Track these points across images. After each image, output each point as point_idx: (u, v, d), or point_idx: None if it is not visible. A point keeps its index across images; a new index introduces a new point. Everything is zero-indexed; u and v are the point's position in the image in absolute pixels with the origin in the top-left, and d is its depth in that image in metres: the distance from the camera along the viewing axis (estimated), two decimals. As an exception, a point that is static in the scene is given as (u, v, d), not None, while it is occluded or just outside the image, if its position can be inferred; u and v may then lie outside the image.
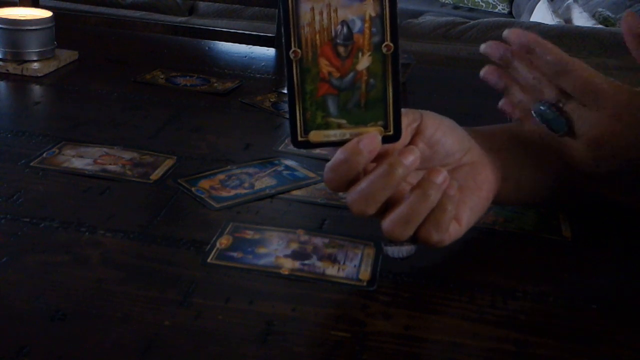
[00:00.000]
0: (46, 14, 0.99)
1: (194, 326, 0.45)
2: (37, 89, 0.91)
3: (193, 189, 0.64)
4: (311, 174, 0.69)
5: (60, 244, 0.54)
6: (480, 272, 0.55)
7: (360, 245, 0.56)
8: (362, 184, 0.49)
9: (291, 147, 0.75)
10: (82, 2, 1.81)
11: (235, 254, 0.54)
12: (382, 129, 0.49)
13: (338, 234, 0.58)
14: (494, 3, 4.17)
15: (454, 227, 0.52)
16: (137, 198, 0.63)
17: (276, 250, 0.55)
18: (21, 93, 0.90)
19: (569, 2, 3.11)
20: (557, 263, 0.58)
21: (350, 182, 0.49)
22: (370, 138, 0.48)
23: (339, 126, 0.49)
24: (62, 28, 1.03)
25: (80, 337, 0.44)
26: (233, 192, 0.64)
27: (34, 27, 0.96)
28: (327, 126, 0.48)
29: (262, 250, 0.55)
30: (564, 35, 2.18)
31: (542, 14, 2.99)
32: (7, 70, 0.94)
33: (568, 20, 2.85)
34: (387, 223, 0.50)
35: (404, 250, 0.52)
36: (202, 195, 0.63)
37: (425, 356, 0.46)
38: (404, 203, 0.49)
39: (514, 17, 3.79)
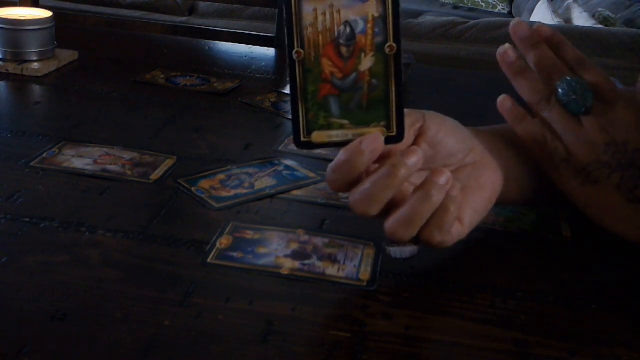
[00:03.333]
0: (46, 14, 0.99)
1: (194, 326, 0.45)
2: (37, 89, 0.91)
3: (193, 189, 0.64)
4: (311, 174, 0.69)
5: (61, 244, 0.54)
6: (480, 272, 0.55)
7: (361, 245, 0.56)
8: (365, 185, 0.49)
9: (291, 147, 0.75)
10: (82, 2, 1.81)
11: (235, 254, 0.54)
12: (384, 129, 0.48)
13: (338, 234, 0.58)
14: (494, 3, 4.18)
15: (457, 228, 0.52)
16: (137, 198, 0.63)
17: (276, 250, 0.55)
18: (21, 93, 0.90)
19: (569, 2, 3.11)
20: (557, 263, 0.58)
21: (353, 183, 0.49)
22: (373, 139, 0.48)
23: (342, 127, 0.48)
24: (62, 28, 1.03)
25: (80, 337, 0.44)
26: (233, 192, 0.64)
27: (34, 27, 0.96)
28: (329, 127, 0.48)
29: (262, 250, 0.55)
30: (564, 35, 2.17)
31: (542, 14, 2.99)
32: (7, 70, 0.94)
33: (568, 20, 2.85)
34: (390, 224, 0.50)
35: (407, 251, 0.52)
36: (202, 195, 0.63)
37: (425, 356, 0.46)
38: (407, 204, 0.49)
39: (513, 17, 3.79)
